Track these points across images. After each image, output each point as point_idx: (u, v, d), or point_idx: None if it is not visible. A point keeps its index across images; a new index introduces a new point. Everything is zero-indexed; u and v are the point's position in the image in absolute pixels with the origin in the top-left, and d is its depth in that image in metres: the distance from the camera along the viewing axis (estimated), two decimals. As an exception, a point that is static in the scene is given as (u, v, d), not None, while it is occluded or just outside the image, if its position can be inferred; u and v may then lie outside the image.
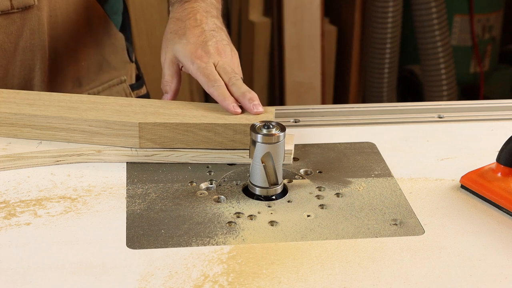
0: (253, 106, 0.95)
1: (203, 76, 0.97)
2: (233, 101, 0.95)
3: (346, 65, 2.97)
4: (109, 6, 1.25)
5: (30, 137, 0.97)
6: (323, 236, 0.81)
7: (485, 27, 2.96)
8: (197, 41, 1.00)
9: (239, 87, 0.96)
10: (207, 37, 1.01)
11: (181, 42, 1.00)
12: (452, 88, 2.86)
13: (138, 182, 0.92)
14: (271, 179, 0.88)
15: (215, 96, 0.96)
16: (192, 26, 1.02)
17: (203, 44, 1.00)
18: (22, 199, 0.87)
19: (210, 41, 1.00)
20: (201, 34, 1.01)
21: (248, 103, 0.95)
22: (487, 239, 0.81)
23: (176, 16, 1.05)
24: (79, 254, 0.77)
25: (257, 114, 0.95)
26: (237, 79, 0.97)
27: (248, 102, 0.95)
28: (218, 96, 0.96)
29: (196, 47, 0.99)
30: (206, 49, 0.99)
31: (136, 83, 1.33)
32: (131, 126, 0.95)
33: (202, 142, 0.95)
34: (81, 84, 1.23)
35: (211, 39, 1.01)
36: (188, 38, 1.00)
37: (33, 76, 1.14)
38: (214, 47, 1.00)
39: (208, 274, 0.74)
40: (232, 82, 0.97)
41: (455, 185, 0.93)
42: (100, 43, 1.25)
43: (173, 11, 1.07)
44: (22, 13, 1.09)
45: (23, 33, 1.10)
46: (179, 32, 1.02)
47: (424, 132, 1.09)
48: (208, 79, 0.97)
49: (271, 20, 2.79)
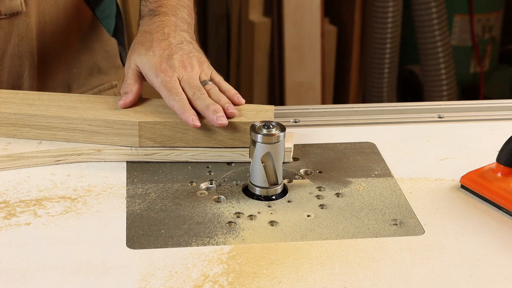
0: (216, 118, 0.93)
1: (166, 90, 0.96)
2: (193, 114, 0.93)
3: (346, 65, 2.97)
4: (100, 10, 1.24)
5: (30, 137, 0.97)
6: (323, 236, 0.81)
7: (485, 27, 2.96)
8: (163, 54, 0.99)
9: (203, 100, 0.95)
10: (173, 51, 1.00)
11: (148, 54, 0.99)
12: (452, 88, 2.86)
13: (138, 182, 0.92)
14: (271, 179, 0.88)
15: (175, 108, 0.94)
16: (160, 40, 1.01)
17: (169, 58, 0.99)
18: (22, 199, 0.87)
19: (176, 55, 0.99)
20: (167, 47, 1.00)
21: (212, 115, 0.93)
22: (487, 239, 0.81)
23: (145, 29, 1.04)
24: (79, 254, 0.77)
25: (221, 127, 0.93)
26: (202, 93, 0.96)
27: (212, 114, 0.93)
28: (178, 109, 0.94)
29: (161, 61, 0.98)
30: (171, 63, 0.98)
31: None
32: (131, 125, 0.95)
33: (202, 141, 0.95)
34: (70, 90, 1.22)
35: (177, 52, 1.00)
36: (155, 51, 0.99)
37: (22, 82, 1.14)
38: (180, 61, 0.99)
39: (208, 274, 0.74)
40: (197, 96, 0.95)
41: (455, 185, 0.93)
42: (92, 50, 1.24)
43: (143, 24, 1.06)
44: (10, 19, 1.08)
45: (11, 39, 1.10)
46: (145, 44, 1.00)
47: (424, 132, 1.09)
48: (170, 92, 0.95)
49: (271, 20, 2.79)
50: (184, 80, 0.97)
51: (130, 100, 0.99)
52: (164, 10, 1.05)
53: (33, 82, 1.15)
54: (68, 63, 1.21)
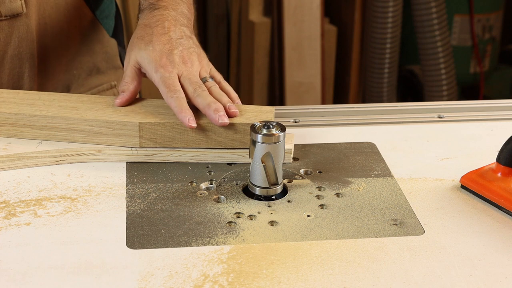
0: (218, 117, 0.92)
1: (164, 86, 0.95)
2: (190, 114, 0.93)
3: (346, 65, 2.97)
4: (99, 11, 1.23)
5: (30, 137, 0.97)
6: (323, 236, 0.81)
7: (485, 27, 2.96)
8: (163, 49, 0.98)
9: (204, 98, 0.94)
10: (174, 45, 0.99)
11: (147, 49, 0.98)
12: (452, 88, 2.86)
13: (138, 182, 0.92)
14: (271, 179, 0.88)
15: (172, 107, 0.94)
16: (160, 34, 1.00)
17: (169, 53, 0.98)
18: (22, 199, 0.87)
19: (176, 50, 0.98)
20: (167, 42, 0.99)
21: (213, 114, 0.93)
22: (487, 239, 0.81)
23: (145, 22, 1.03)
24: (79, 254, 0.77)
25: (222, 126, 0.93)
26: (202, 90, 0.95)
27: (213, 113, 0.93)
28: (175, 108, 0.93)
29: (161, 55, 0.97)
30: (171, 58, 0.97)
31: None
32: (131, 125, 0.95)
33: (202, 142, 0.95)
34: (69, 90, 1.22)
35: (178, 47, 0.99)
36: (154, 46, 0.98)
37: (22, 84, 1.14)
38: (180, 56, 0.98)
39: (208, 274, 0.74)
40: (198, 93, 0.95)
41: (455, 185, 0.93)
42: (92, 51, 1.24)
43: (142, 18, 1.05)
44: (10, 21, 1.08)
45: (11, 40, 1.10)
46: (145, 38, 1.00)
47: (424, 132, 1.09)
48: (169, 89, 0.95)
49: (271, 20, 2.79)
50: (184, 76, 0.97)
51: (127, 99, 0.99)
52: (164, 4, 1.05)
53: (33, 84, 1.15)
54: (68, 65, 1.20)
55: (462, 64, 2.97)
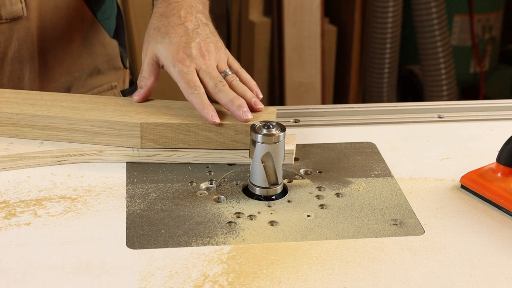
0: (242, 113, 0.92)
1: (184, 82, 0.94)
2: (212, 110, 0.92)
3: (346, 65, 2.97)
4: (101, 12, 1.23)
5: (32, 137, 0.98)
6: (323, 236, 0.81)
7: (485, 27, 2.96)
8: (179, 41, 0.97)
9: (226, 94, 0.94)
10: (190, 37, 0.97)
11: (164, 41, 0.97)
12: (452, 88, 2.86)
13: (138, 182, 0.92)
14: (271, 179, 0.88)
15: (194, 104, 0.93)
16: (176, 24, 0.98)
17: (186, 46, 0.97)
18: (22, 199, 0.87)
19: (193, 42, 0.97)
20: (184, 34, 0.97)
21: (237, 110, 0.92)
22: (487, 239, 0.81)
23: (160, 11, 1.01)
24: (79, 254, 0.77)
25: (247, 122, 0.92)
26: (223, 84, 0.94)
27: (237, 109, 0.92)
28: (197, 104, 0.93)
29: (178, 49, 0.96)
30: (188, 52, 0.96)
31: (129, 89, 1.31)
32: (133, 126, 0.95)
33: (204, 142, 0.95)
34: (69, 91, 1.22)
35: (195, 39, 0.97)
36: (171, 38, 0.97)
37: (22, 86, 1.13)
38: (197, 49, 0.97)
39: (208, 274, 0.74)
40: (219, 89, 0.94)
41: (455, 185, 0.93)
42: (93, 53, 1.23)
43: (157, 6, 1.03)
44: (11, 24, 1.08)
45: (12, 43, 1.09)
46: (162, 30, 0.98)
47: (424, 132, 1.09)
48: (188, 86, 0.94)
49: (271, 20, 2.79)
50: (203, 70, 0.96)
51: (144, 95, 0.99)
52: None
53: (33, 86, 1.14)
54: (69, 67, 1.20)
55: (462, 64, 2.97)
